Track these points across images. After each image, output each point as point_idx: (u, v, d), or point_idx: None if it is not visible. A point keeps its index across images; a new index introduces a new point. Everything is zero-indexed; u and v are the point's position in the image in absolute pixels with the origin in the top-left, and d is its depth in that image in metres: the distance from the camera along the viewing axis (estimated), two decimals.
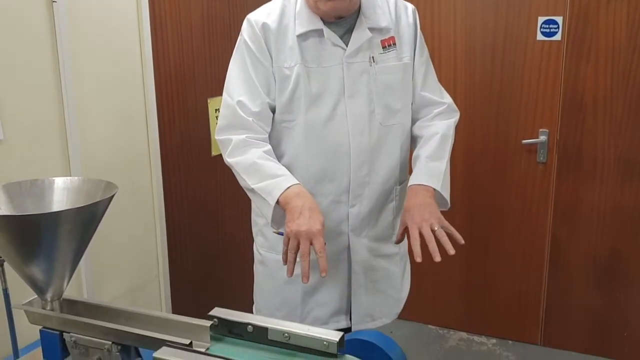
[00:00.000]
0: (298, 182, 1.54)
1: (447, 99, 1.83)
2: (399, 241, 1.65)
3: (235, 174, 1.66)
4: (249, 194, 1.63)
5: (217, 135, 1.67)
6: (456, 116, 1.84)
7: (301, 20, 1.62)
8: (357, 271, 1.75)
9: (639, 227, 2.84)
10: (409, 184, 1.67)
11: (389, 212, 1.77)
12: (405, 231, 1.56)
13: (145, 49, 2.15)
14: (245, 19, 1.67)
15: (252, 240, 1.88)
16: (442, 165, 1.69)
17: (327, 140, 1.64)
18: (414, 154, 1.75)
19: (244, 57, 1.64)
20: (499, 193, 3.08)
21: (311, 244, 1.45)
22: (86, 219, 1.22)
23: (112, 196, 1.26)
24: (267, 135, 1.66)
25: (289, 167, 1.61)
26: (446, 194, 1.68)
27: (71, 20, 1.83)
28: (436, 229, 1.53)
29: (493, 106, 3.01)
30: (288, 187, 1.52)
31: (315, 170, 1.66)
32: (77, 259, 1.27)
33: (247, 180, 1.58)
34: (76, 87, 1.86)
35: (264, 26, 1.62)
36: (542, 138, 2.93)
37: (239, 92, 1.63)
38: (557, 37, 2.82)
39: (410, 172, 1.82)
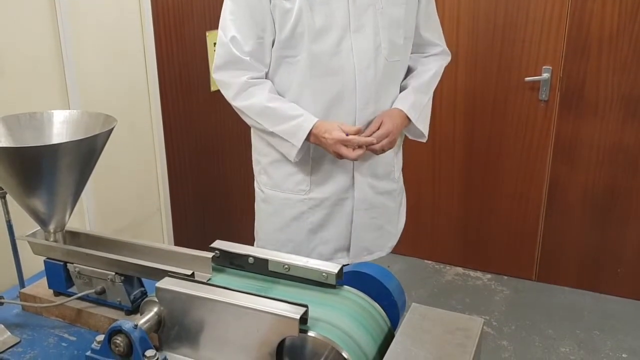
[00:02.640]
0: (316, 119, 1.61)
1: (443, 43, 1.85)
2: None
3: (243, 116, 1.68)
4: (265, 136, 1.68)
5: (215, 74, 1.65)
6: (448, 59, 1.87)
7: None
8: (360, 209, 1.77)
9: (637, 166, 2.85)
10: (393, 105, 1.72)
11: (390, 150, 1.76)
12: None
13: None
14: None
15: (253, 175, 1.89)
16: (425, 100, 1.75)
17: (332, 76, 1.61)
18: (404, 82, 1.77)
19: None
20: (499, 130, 3.07)
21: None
22: (86, 152, 1.22)
23: (112, 129, 1.25)
24: (264, 72, 1.65)
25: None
26: (423, 127, 1.77)
27: None
28: (378, 150, 1.65)
29: (497, 42, 2.96)
30: (310, 130, 1.59)
31: (320, 107, 1.65)
32: (79, 191, 1.28)
33: (263, 124, 1.63)
34: (73, 21, 1.82)
35: None
36: (545, 76, 2.89)
37: (233, 29, 1.60)
38: None
39: None
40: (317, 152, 1.69)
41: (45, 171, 1.17)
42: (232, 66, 1.61)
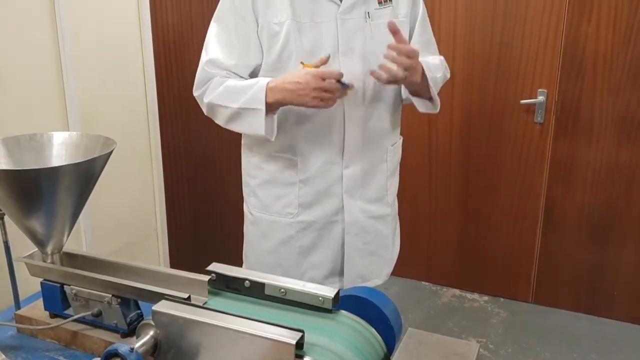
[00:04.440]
0: (270, 79, 1.54)
1: (442, 58, 1.83)
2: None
3: (214, 112, 1.63)
4: (237, 122, 1.59)
5: (194, 92, 1.66)
6: (448, 74, 1.85)
7: None
8: (350, 233, 1.74)
9: (633, 188, 2.86)
10: None
11: (382, 173, 1.76)
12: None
13: (143, 3, 2.11)
14: None
15: None
16: (439, 74, 1.69)
17: None
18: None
19: (226, 15, 1.61)
20: (495, 152, 3.09)
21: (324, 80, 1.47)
22: (85, 174, 1.23)
23: (111, 152, 1.26)
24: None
25: (280, 128, 1.59)
26: (435, 88, 1.66)
27: None
28: (401, 75, 1.50)
29: (492, 65, 2.99)
30: (267, 85, 1.51)
31: (308, 130, 1.64)
32: (77, 213, 1.28)
33: (229, 104, 1.56)
34: (74, 43, 1.84)
35: None
36: (541, 98, 2.92)
37: (215, 50, 1.61)
38: None
39: (401, 133, 1.83)
40: (305, 173, 1.68)
41: (45, 193, 1.18)
42: (207, 83, 1.62)
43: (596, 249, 3.00)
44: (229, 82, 1.59)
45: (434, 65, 1.69)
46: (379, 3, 1.62)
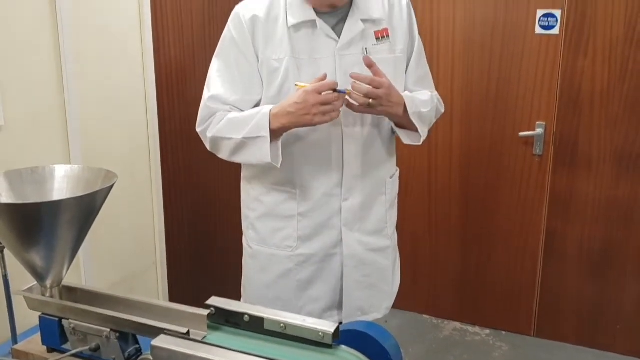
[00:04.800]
0: (272, 105, 1.56)
1: (435, 93, 1.84)
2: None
3: (218, 146, 1.64)
4: (242, 152, 1.59)
5: (197, 128, 1.68)
6: (442, 108, 1.86)
7: (293, 11, 1.59)
8: (349, 265, 1.73)
9: (632, 221, 2.86)
10: None
11: (381, 205, 1.76)
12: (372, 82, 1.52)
13: (145, 37, 2.15)
14: (234, 11, 1.65)
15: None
16: (422, 104, 1.68)
17: (319, 133, 1.62)
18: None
19: (228, 52, 1.63)
20: (495, 184, 3.10)
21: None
22: (86, 208, 1.23)
23: (112, 185, 1.27)
24: None
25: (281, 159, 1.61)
26: (417, 121, 1.65)
27: (73, 8, 1.83)
28: (370, 102, 1.52)
29: (491, 98, 3.02)
30: (270, 111, 1.53)
31: (307, 163, 1.65)
32: (77, 246, 1.28)
33: (234, 137, 1.57)
34: (77, 76, 1.87)
35: (253, 19, 1.60)
36: (539, 131, 2.94)
37: (217, 86, 1.63)
38: (556, 30, 2.82)
39: (398, 164, 1.85)
40: (304, 206, 1.68)
41: (46, 227, 1.18)
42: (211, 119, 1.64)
43: (598, 281, 2.98)
44: (231, 114, 1.61)
45: (422, 100, 1.70)
46: (376, 39, 1.65)
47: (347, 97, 1.53)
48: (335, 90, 1.49)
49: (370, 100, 1.52)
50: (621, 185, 2.85)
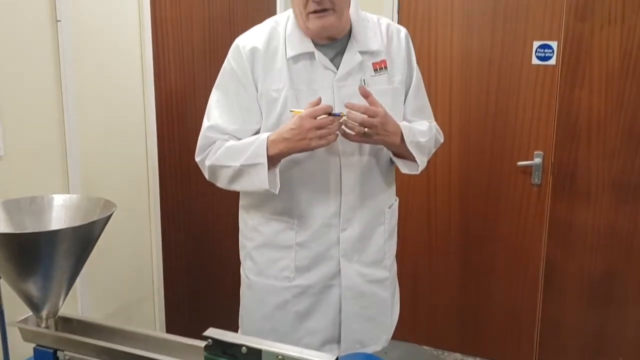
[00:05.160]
0: (270, 132, 1.57)
1: (434, 123, 1.85)
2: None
3: (215, 174, 1.64)
4: (240, 179, 1.59)
5: (196, 158, 1.69)
6: (441, 138, 1.87)
7: (292, 43, 1.62)
8: (347, 297, 1.72)
9: (632, 251, 2.85)
10: None
11: (380, 236, 1.75)
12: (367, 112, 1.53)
13: (146, 69, 2.17)
14: (234, 43, 1.67)
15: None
16: (419, 135, 1.69)
17: (317, 162, 1.63)
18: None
19: (228, 83, 1.65)
20: (494, 214, 3.10)
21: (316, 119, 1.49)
22: (84, 238, 1.23)
23: (110, 215, 1.27)
24: None
25: (279, 188, 1.60)
26: (414, 150, 1.66)
27: (75, 39, 1.85)
28: (365, 130, 1.53)
29: (489, 128, 3.04)
30: (268, 138, 1.54)
31: (305, 193, 1.65)
32: (74, 276, 1.28)
33: (232, 165, 1.58)
34: (78, 106, 1.88)
35: (252, 50, 1.62)
36: (537, 160, 2.95)
37: (216, 116, 1.64)
38: (552, 61, 2.86)
39: (397, 193, 1.85)
40: (302, 236, 1.68)
41: (43, 256, 1.18)
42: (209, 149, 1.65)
43: (599, 312, 2.96)
44: (229, 143, 1.62)
45: (420, 130, 1.72)
46: (374, 70, 1.67)
47: (342, 126, 1.54)
48: (330, 114, 1.50)
49: (366, 129, 1.53)
50: (620, 215, 2.85)
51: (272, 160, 1.55)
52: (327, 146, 1.54)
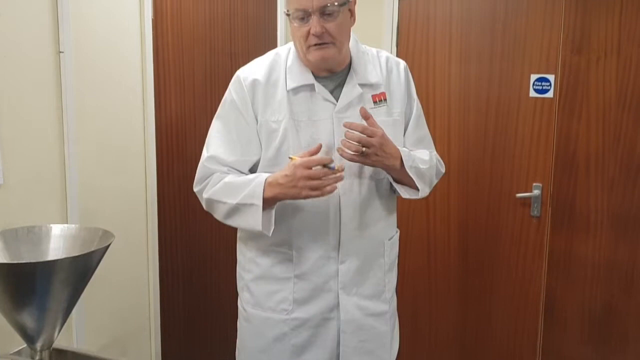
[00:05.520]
0: (269, 174, 1.56)
1: (435, 153, 1.85)
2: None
3: (213, 207, 1.64)
4: (235, 217, 1.60)
5: (194, 188, 1.69)
6: (442, 169, 1.86)
7: (292, 75, 1.64)
8: (346, 331, 1.69)
9: (633, 285, 2.83)
10: None
11: (379, 268, 1.74)
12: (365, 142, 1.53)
13: (147, 99, 2.19)
14: (235, 75, 1.69)
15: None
16: (420, 161, 1.69)
17: None
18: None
19: (228, 114, 1.66)
20: (493, 246, 3.08)
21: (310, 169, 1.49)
22: (82, 268, 1.22)
23: (108, 245, 1.26)
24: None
25: (276, 222, 1.59)
26: (414, 175, 1.65)
27: (76, 70, 1.87)
28: (364, 150, 1.53)
29: (487, 160, 3.05)
30: (266, 180, 1.54)
31: (304, 224, 1.64)
32: (70, 307, 1.27)
33: (228, 202, 1.58)
34: (78, 135, 1.89)
35: (254, 82, 1.64)
36: (536, 192, 2.95)
37: (216, 146, 1.65)
38: (549, 94, 2.88)
39: (400, 225, 1.84)
40: (300, 268, 1.67)
41: (39, 287, 1.17)
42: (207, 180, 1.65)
43: (600, 346, 2.92)
44: (228, 178, 1.62)
45: (420, 158, 1.72)
46: (374, 102, 1.68)
47: (341, 145, 1.54)
48: (325, 166, 1.50)
49: (364, 149, 1.53)
50: (620, 248, 2.84)
51: (268, 203, 1.55)
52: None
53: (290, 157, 1.55)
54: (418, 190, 1.69)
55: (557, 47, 2.84)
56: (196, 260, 2.64)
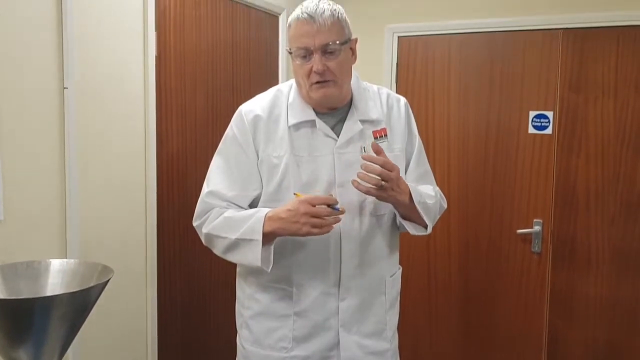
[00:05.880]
0: (269, 209, 1.56)
1: (437, 189, 1.85)
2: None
3: (213, 246, 1.63)
4: (234, 252, 1.59)
5: (193, 223, 1.68)
6: (444, 204, 1.86)
7: (294, 111, 1.65)
8: None
9: (636, 322, 2.80)
10: None
11: (380, 306, 1.71)
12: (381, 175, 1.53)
13: (149, 136, 2.20)
14: (237, 110, 1.70)
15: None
16: (426, 196, 1.69)
17: None
18: None
19: (229, 149, 1.67)
20: (494, 283, 3.06)
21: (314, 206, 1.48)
22: (80, 304, 1.21)
23: (107, 281, 1.26)
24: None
25: (275, 258, 1.58)
26: (422, 211, 1.65)
27: (80, 106, 1.89)
28: (383, 184, 1.53)
29: (487, 196, 3.05)
30: (266, 215, 1.53)
31: (304, 260, 1.63)
32: (67, 344, 1.25)
33: (227, 237, 1.57)
34: (80, 170, 1.89)
35: (255, 118, 1.65)
36: (537, 228, 2.95)
37: (216, 181, 1.65)
38: (548, 130, 2.91)
39: (400, 262, 1.82)
40: (300, 305, 1.65)
41: (37, 323, 1.16)
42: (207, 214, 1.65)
43: None
44: (228, 212, 1.61)
45: (426, 194, 1.72)
46: (375, 138, 1.69)
47: (357, 178, 1.53)
48: (329, 206, 1.49)
49: (383, 182, 1.53)
50: (622, 285, 2.82)
51: (267, 238, 1.55)
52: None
53: (295, 194, 1.56)
54: (425, 226, 1.69)
55: (555, 84, 2.88)
56: (195, 295, 2.62)
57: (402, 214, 1.69)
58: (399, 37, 3.21)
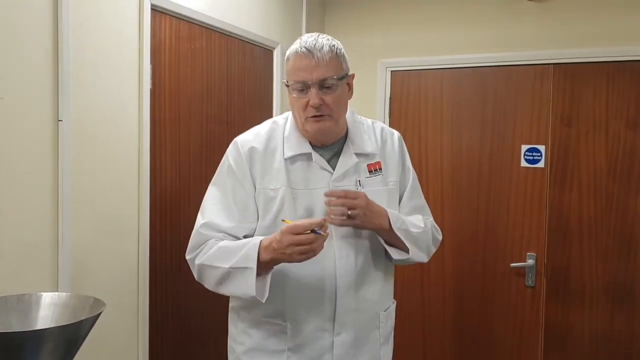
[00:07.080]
0: (263, 237, 1.55)
1: (431, 219, 1.86)
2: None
3: (206, 278, 1.61)
4: (227, 282, 1.55)
5: (186, 256, 1.66)
6: (439, 236, 1.86)
7: (290, 144, 1.66)
8: None
9: (630, 355, 2.78)
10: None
11: (375, 340, 1.70)
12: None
13: (143, 169, 2.19)
14: (233, 141, 1.71)
15: None
16: (410, 225, 1.69)
17: (312, 265, 1.58)
18: None
19: (225, 180, 1.67)
20: (488, 317, 3.04)
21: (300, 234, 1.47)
22: (71, 337, 1.20)
23: (99, 314, 1.24)
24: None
25: (271, 292, 1.55)
26: (403, 236, 1.65)
27: (74, 139, 1.89)
28: (349, 213, 1.56)
29: (481, 230, 3.06)
30: (261, 243, 1.52)
31: (299, 295, 1.62)
32: None
33: (221, 266, 1.54)
34: (73, 204, 1.88)
35: (251, 150, 1.65)
36: (530, 262, 2.95)
37: (211, 213, 1.64)
38: (541, 164, 2.93)
39: (395, 296, 1.81)
40: (294, 341, 1.63)
41: (27, 356, 1.14)
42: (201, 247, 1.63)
43: None
44: (222, 243, 1.60)
45: (411, 222, 1.72)
46: (369, 172, 1.70)
47: (328, 212, 1.56)
48: (312, 231, 1.49)
49: (350, 211, 1.54)
50: (617, 318, 2.81)
51: (263, 267, 1.52)
52: (323, 249, 1.51)
53: (283, 220, 1.55)
54: (407, 250, 1.68)
55: (547, 118, 2.92)
56: (187, 330, 2.58)
57: (386, 239, 1.69)
58: (391, 71, 3.25)
